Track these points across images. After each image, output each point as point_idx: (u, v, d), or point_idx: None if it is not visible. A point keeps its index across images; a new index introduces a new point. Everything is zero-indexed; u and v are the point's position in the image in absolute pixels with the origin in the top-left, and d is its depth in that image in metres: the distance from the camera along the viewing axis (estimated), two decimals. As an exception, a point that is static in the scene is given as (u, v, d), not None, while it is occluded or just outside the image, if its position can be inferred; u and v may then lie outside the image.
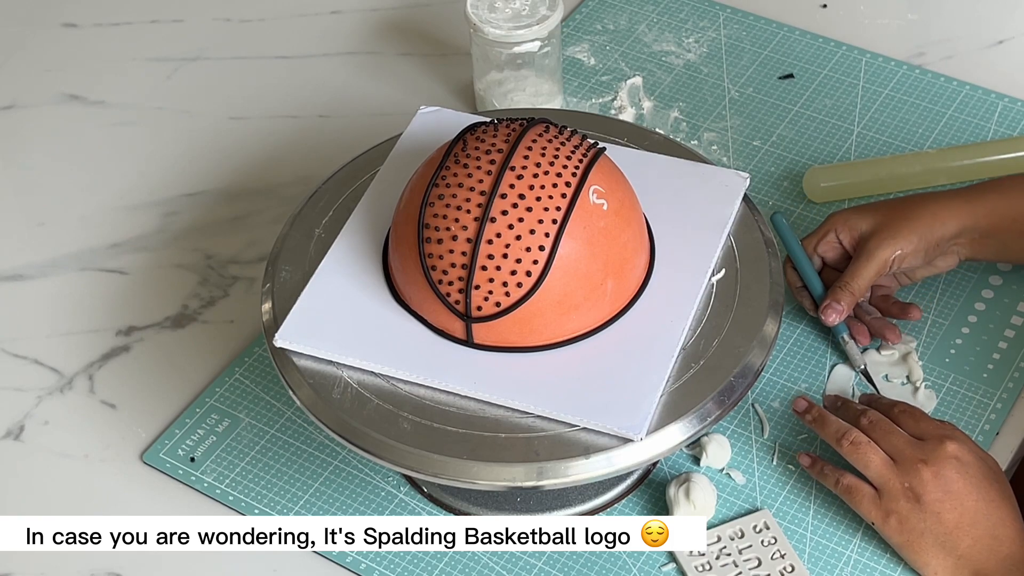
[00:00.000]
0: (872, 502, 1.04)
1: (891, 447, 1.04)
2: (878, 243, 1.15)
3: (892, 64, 1.43)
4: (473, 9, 1.31)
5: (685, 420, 0.98)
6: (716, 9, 1.50)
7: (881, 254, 1.14)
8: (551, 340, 1.01)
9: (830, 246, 1.18)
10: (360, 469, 1.13)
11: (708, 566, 1.05)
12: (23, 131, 1.44)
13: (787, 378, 1.17)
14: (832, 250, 1.18)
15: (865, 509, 1.04)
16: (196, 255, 1.31)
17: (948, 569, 1.02)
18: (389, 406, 1.00)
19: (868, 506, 1.04)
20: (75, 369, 1.22)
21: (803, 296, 1.19)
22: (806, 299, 1.19)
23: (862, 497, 1.04)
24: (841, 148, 1.35)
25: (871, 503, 1.04)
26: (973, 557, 1.01)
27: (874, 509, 1.04)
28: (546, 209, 0.98)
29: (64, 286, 1.30)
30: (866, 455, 1.04)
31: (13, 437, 1.18)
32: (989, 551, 1.01)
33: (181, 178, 1.38)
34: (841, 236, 1.17)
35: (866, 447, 1.04)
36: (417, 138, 1.16)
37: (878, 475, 1.04)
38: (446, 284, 1.00)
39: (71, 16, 1.56)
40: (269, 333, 1.04)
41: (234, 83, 1.48)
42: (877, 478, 1.04)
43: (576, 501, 1.10)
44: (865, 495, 1.04)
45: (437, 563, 1.08)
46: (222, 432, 1.16)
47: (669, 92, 1.42)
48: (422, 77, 1.46)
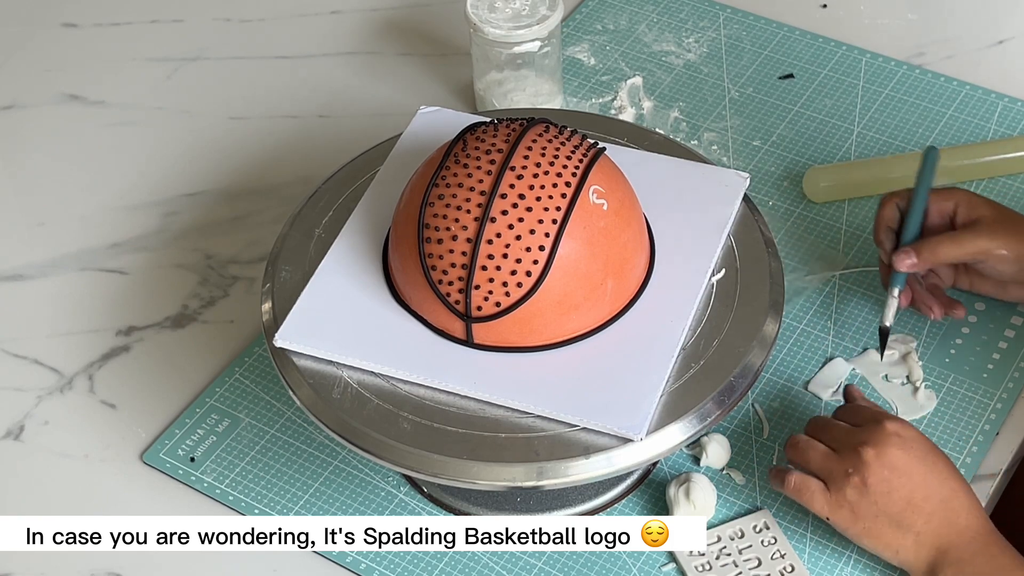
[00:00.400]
0: (822, 496, 1.02)
1: (830, 439, 1.04)
2: (990, 231, 1.13)
3: (892, 64, 1.43)
4: (473, 9, 1.31)
5: (685, 420, 0.98)
6: (716, 9, 1.50)
7: (985, 242, 1.12)
8: (551, 340, 1.01)
9: (942, 212, 1.16)
10: (360, 469, 1.13)
11: (708, 566, 1.05)
12: (23, 131, 1.44)
13: (787, 378, 1.17)
14: (940, 216, 1.16)
15: (818, 506, 1.03)
16: (196, 255, 1.31)
17: (909, 548, 1.01)
18: (389, 406, 1.00)
19: (820, 502, 1.03)
20: (75, 369, 1.22)
21: (887, 236, 1.16)
22: (888, 239, 1.16)
23: (812, 493, 1.03)
24: (841, 148, 1.35)
25: (822, 498, 1.02)
26: (931, 532, 1.00)
27: (825, 503, 1.02)
28: (546, 209, 0.98)
29: (64, 286, 1.30)
30: (805, 451, 1.04)
31: (13, 437, 1.18)
32: (947, 523, 1.00)
33: (181, 178, 1.38)
34: (959, 209, 1.15)
35: (804, 444, 1.04)
36: (417, 138, 1.16)
37: (821, 467, 1.03)
38: (446, 284, 1.00)
39: (71, 16, 1.56)
40: (269, 333, 1.04)
41: (234, 83, 1.48)
42: (820, 470, 1.03)
43: (576, 501, 1.10)
44: (815, 491, 1.03)
45: (437, 563, 1.08)
46: (222, 432, 1.16)
47: (669, 92, 1.42)
48: (422, 77, 1.46)
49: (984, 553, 0.99)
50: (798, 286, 1.24)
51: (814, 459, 1.03)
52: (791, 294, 1.22)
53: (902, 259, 1.13)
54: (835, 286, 1.24)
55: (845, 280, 1.24)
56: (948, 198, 1.16)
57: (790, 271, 1.24)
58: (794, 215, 1.29)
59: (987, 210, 1.15)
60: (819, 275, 1.24)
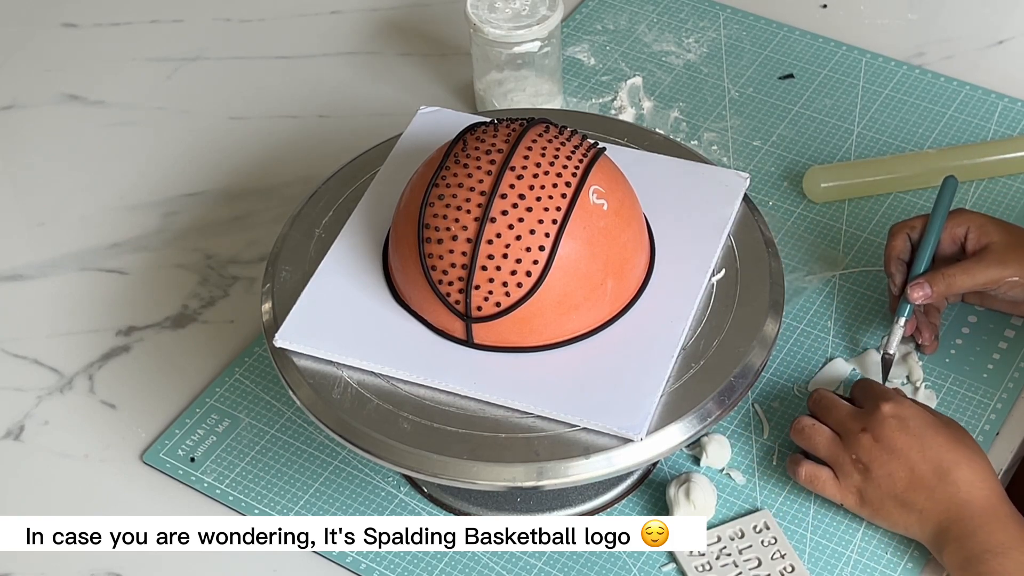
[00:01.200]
0: (833, 484, 1.05)
1: (835, 422, 1.06)
2: (1002, 259, 1.13)
3: (892, 64, 1.43)
4: (473, 9, 1.31)
5: (685, 420, 0.98)
6: (716, 9, 1.50)
7: (998, 271, 1.12)
8: (551, 340, 1.01)
9: (954, 237, 1.16)
10: (360, 469, 1.13)
11: (708, 566, 1.05)
12: (23, 131, 1.44)
13: (787, 378, 1.17)
14: (952, 242, 1.16)
15: (830, 493, 1.05)
16: (196, 255, 1.31)
17: (915, 525, 1.02)
18: (389, 406, 1.00)
19: (831, 490, 1.05)
20: (75, 369, 1.22)
21: (897, 267, 1.16)
22: (899, 271, 1.16)
23: (823, 482, 1.05)
24: (841, 148, 1.35)
25: (833, 486, 1.05)
26: (932, 509, 1.01)
27: (836, 491, 1.05)
28: (546, 209, 0.98)
29: (64, 286, 1.30)
30: (811, 437, 1.06)
31: (13, 437, 1.18)
32: (947, 500, 1.01)
33: (181, 178, 1.38)
34: (970, 234, 1.15)
35: (811, 429, 1.06)
36: (417, 138, 1.16)
37: (828, 454, 1.05)
38: (446, 284, 1.00)
39: (71, 16, 1.56)
40: (269, 333, 1.04)
41: (234, 83, 1.48)
42: (827, 456, 1.05)
43: (576, 501, 1.10)
44: (826, 479, 1.05)
45: (437, 563, 1.08)
46: (222, 432, 1.16)
47: (669, 92, 1.42)
48: (422, 77, 1.46)
49: (987, 527, 1.00)
50: (798, 286, 1.24)
51: (820, 445, 1.05)
52: (791, 294, 1.22)
53: (916, 291, 1.13)
54: (835, 286, 1.24)
55: (845, 280, 1.24)
56: (959, 223, 1.15)
57: (790, 271, 1.24)
58: (794, 215, 1.29)
59: (998, 235, 1.14)
60: (819, 275, 1.24)
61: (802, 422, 1.07)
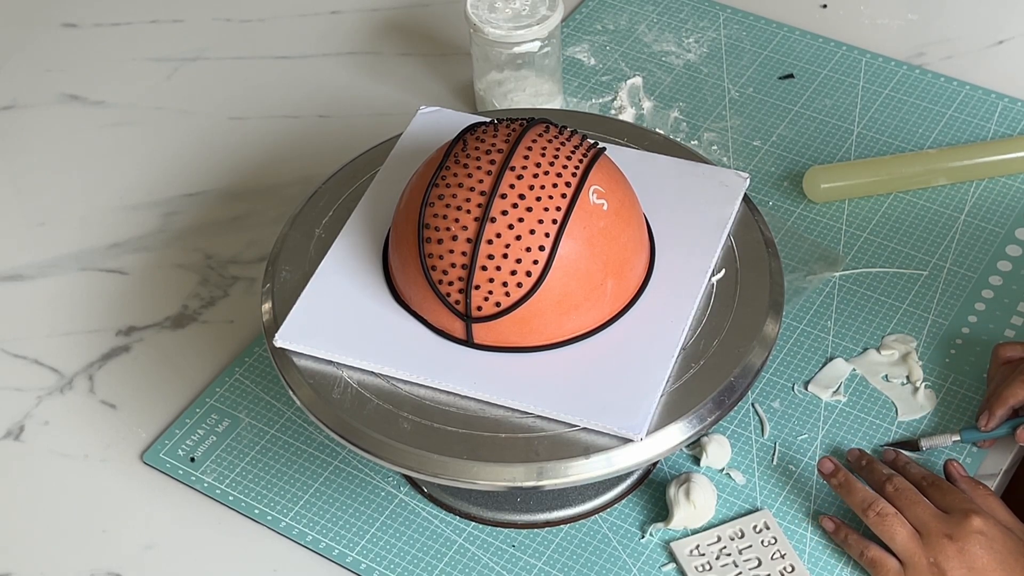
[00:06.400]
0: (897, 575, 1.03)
1: (916, 519, 1.03)
2: None
3: (892, 64, 1.43)
4: (473, 9, 1.31)
5: (685, 420, 0.98)
6: (716, 9, 1.50)
7: None
8: (551, 340, 1.01)
9: None
10: (360, 469, 1.13)
11: (708, 566, 1.05)
12: (23, 131, 1.44)
13: (787, 378, 1.17)
14: None
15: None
16: (196, 255, 1.31)
17: None
18: (389, 406, 1.00)
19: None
20: (75, 369, 1.22)
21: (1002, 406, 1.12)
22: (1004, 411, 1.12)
23: (887, 571, 1.03)
24: (841, 148, 1.35)
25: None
26: None
27: None
28: (546, 209, 0.98)
29: (64, 286, 1.30)
30: (892, 527, 1.03)
31: (13, 437, 1.18)
32: None
33: (181, 178, 1.38)
34: None
35: (892, 519, 1.03)
36: (417, 138, 1.16)
37: (904, 549, 1.02)
38: (446, 284, 1.00)
39: (71, 16, 1.56)
40: (269, 333, 1.04)
41: (234, 83, 1.48)
42: (903, 552, 1.02)
43: (576, 501, 1.10)
44: (891, 569, 1.03)
45: (437, 563, 1.08)
46: (222, 432, 1.16)
47: (669, 92, 1.42)
48: (422, 77, 1.46)
49: None
50: (798, 286, 1.24)
51: (899, 538, 1.03)
52: (791, 294, 1.22)
53: (987, 421, 1.11)
54: (835, 286, 1.24)
55: (845, 280, 1.24)
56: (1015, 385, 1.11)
57: (790, 271, 1.24)
58: (794, 215, 1.29)
59: None
60: (819, 275, 1.24)
61: (885, 508, 1.04)
